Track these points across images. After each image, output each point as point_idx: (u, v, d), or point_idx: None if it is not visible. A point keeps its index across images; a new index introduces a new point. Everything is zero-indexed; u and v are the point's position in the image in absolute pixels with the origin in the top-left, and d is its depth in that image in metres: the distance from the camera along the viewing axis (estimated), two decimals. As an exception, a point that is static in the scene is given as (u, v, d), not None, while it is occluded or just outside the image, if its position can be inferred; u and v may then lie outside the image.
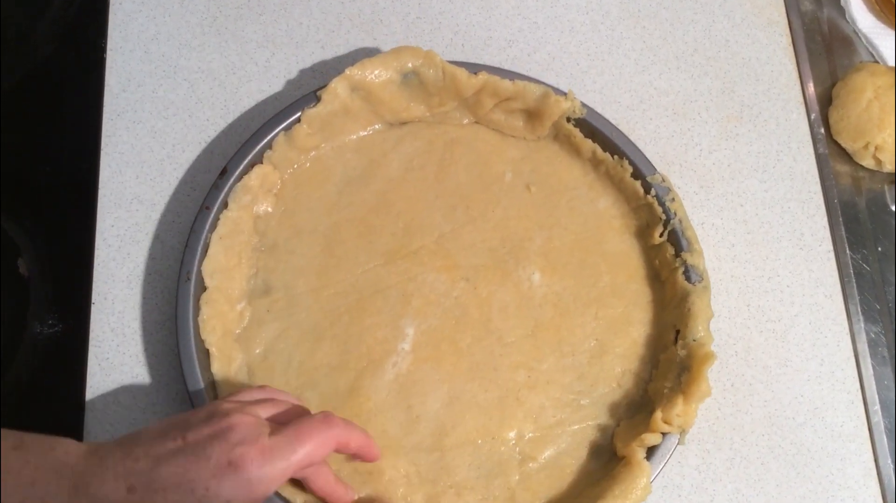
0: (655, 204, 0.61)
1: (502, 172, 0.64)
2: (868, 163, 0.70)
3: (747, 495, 0.60)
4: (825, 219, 0.68)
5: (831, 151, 0.71)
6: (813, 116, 0.71)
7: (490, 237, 0.62)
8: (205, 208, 0.57)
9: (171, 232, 0.62)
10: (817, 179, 0.69)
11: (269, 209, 0.60)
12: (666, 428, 0.55)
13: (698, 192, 0.67)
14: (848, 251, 0.67)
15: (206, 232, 0.57)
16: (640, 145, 0.67)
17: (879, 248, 0.68)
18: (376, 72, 0.60)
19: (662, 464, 0.55)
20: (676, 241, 0.61)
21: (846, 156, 0.71)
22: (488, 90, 0.62)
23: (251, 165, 0.59)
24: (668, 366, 0.59)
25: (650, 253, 0.63)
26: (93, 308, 0.59)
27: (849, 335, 0.65)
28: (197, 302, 0.56)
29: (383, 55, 0.60)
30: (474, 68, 0.61)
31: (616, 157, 0.62)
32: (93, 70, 0.65)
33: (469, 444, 0.57)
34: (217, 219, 0.57)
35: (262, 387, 0.52)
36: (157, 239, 0.62)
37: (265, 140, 0.59)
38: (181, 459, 0.44)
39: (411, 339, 0.59)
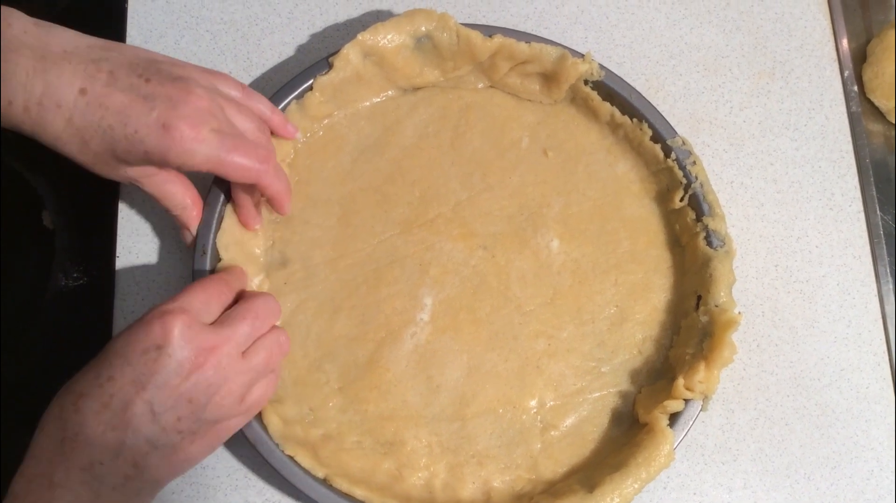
0: (676, 167, 0.60)
1: (519, 138, 0.63)
2: (902, 122, 0.69)
3: (771, 455, 0.60)
4: (856, 178, 0.67)
5: (864, 110, 0.69)
6: (846, 74, 0.69)
7: (507, 204, 0.61)
8: (216, 182, 0.56)
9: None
10: (849, 138, 0.68)
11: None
12: (688, 394, 0.55)
13: (728, 149, 0.66)
14: (878, 212, 0.66)
15: (220, 205, 0.56)
16: (670, 102, 0.66)
17: (911, 209, 0.67)
18: (389, 36, 0.58)
19: (685, 431, 0.55)
20: (697, 205, 0.59)
21: (879, 114, 0.70)
22: (504, 53, 0.60)
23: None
24: (689, 332, 0.58)
25: (670, 218, 0.62)
26: (117, 261, 0.59)
27: (877, 297, 0.64)
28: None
29: (396, 19, 0.59)
30: (489, 30, 0.60)
31: (635, 119, 0.61)
32: (114, 21, 0.64)
33: (490, 413, 0.57)
34: (230, 191, 0.56)
35: (242, 86, 0.54)
36: (181, 192, 0.61)
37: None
38: (132, 96, 0.47)
39: (430, 309, 0.58)
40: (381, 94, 0.62)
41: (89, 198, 0.61)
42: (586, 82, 0.61)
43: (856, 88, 0.69)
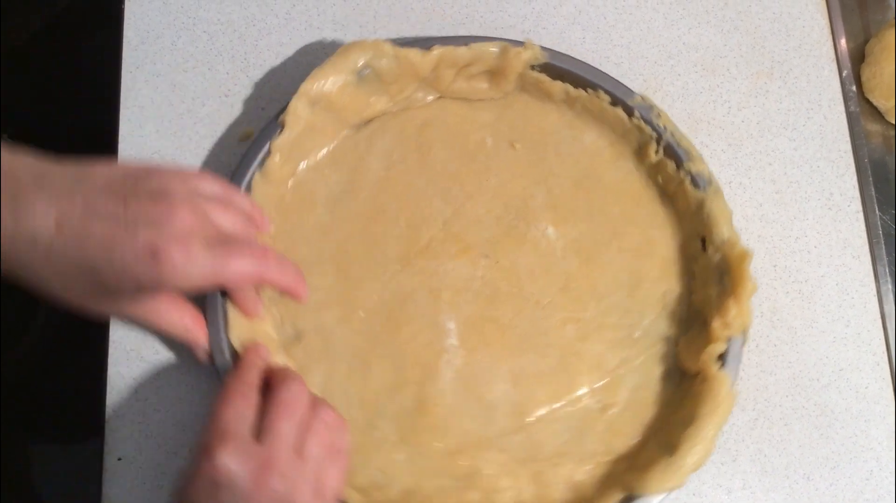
0: (643, 123, 0.60)
1: (482, 139, 0.62)
2: (901, 122, 0.69)
3: (770, 455, 0.60)
4: (855, 178, 0.67)
5: (863, 110, 0.69)
6: (845, 73, 0.69)
7: (493, 207, 0.61)
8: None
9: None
10: (848, 138, 0.68)
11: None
12: (727, 333, 0.55)
13: (726, 150, 0.66)
14: (877, 211, 0.66)
15: (219, 304, 0.54)
16: (668, 102, 0.66)
17: (909, 209, 0.67)
18: (331, 79, 0.57)
19: (737, 369, 0.56)
20: (674, 153, 0.60)
21: (878, 114, 0.70)
22: (445, 62, 0.59)
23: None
24: (705, 273, 0.59)
25: (651, 172, 0.62)
26: (114, 263, 0.59)
27: (876, 297, 0.64)
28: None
29: (332, 59, 0.57)
30: (425, 43, 0.59)
31: (590, 90, 0.61)
32: (111, 22, 0.64)
33: (548, 413, 0.57)
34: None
35: (221, 182, 0.51)
36: (178, 194, 0.61)
37: (243, 185, 0.56)
38: (113, 225, 0.43)
39: (455, 333, 0.58)
40: (337, 137, 0.61)
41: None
42: (533, 67, 0.61)
43: (854, 88, 0.69)
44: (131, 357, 0.57)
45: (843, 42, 0.70)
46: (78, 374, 0.58)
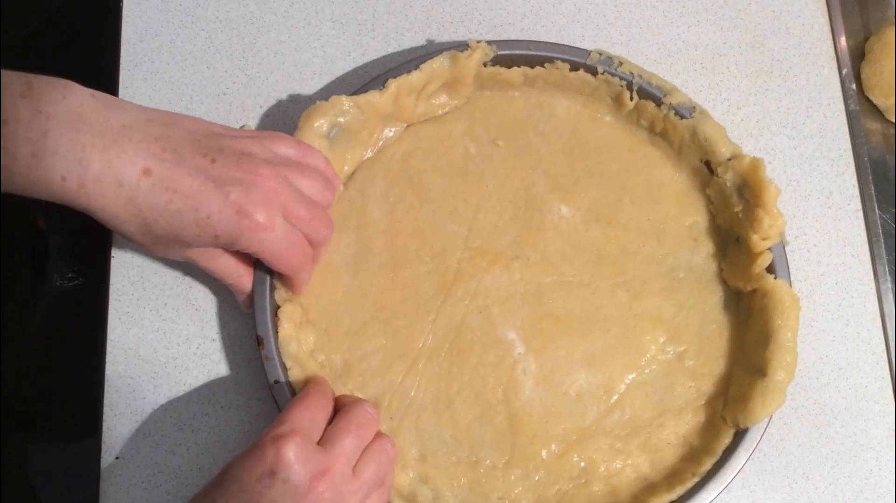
0: (609, 77, 0.61)
1: (465, 149, 0.62)
2: (901, 120, 0.69)
3: (769, 455, 0.60)
4: (854, 177, 0.67)
5: (863, 108, 0.69)
6: (844, 72, 0.69)
7: (503, 209, 0.61)
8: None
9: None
10: (847, 136, 0.68)
11: (312, 340, 0.56)
12: (767, 242, 0.57)
13: (725, 148, 0.66)
14: (877, 210, 0.66)
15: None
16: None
17: (909, 208, 0.67)
18: None
19: (789, 272, 0.58)
20: (649, 94, 0.61)
21: (878, 113, 0.70)
22: (403, 92, 0.59)
23: (274, 311, 0.55)
24: (721, 194, 0.60)
25: (632, 119, 0.63)
26: (112, 261, 0.59)
27: (875, 295, 0.64)
28: None
29: (299, 130, 0.56)
30: (376, 82, 0.58)
31: (546, 64, 0.61)
32: (110, 19, 0.64)
33: (632, 383, 0.58)
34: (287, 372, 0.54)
35: (295, 141, 0.53)
36: (176, 192, 0.61)
37: (267, 305, 0.55)
38: (201, 179, 0.46)
39: (519, 341, 0.58)
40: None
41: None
42: (486, 64, 0.61)
43: (854, 86, 0.69)
44: (129, 356, 0.57)
45: (842, 40, 0.70)
46: (75, 374, 0.58)
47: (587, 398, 0.57)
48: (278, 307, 0.55)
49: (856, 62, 0.70)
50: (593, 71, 0.61)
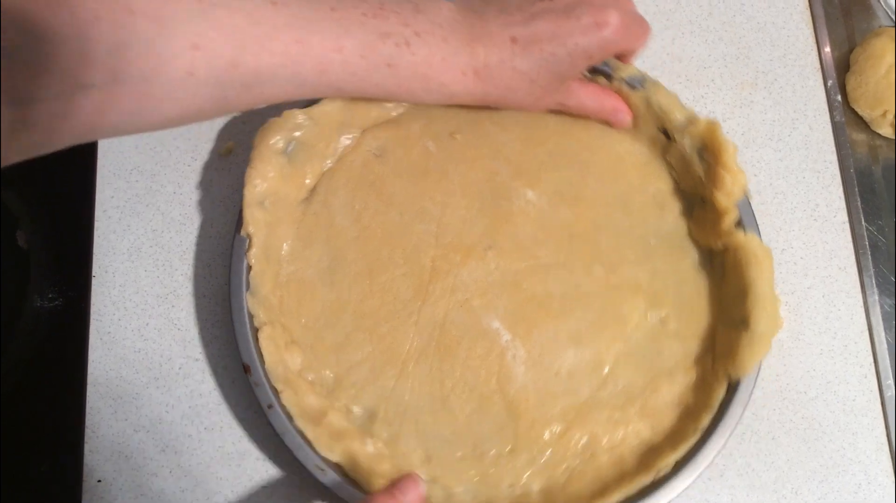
0: None
1: (423, 148, 0.61)
2: (886, 131, 0.68)
3: (758, 470, 0.59)
4: (840, 189, 0.67)
5: (848, 119, 0.69)
6: (829, 83, 0.69)
7: (469, 202, 0.60)
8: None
9: (172, 203, 0.61)
10: (833, 148, 0.67)
11: (299, 360, 0.56)
12: (731, 199, 0.57)
13: (711, 161, 0.66)
14: (863, 222, 0.66)
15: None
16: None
17: (896, 220, 0.67)
18: (264, 171, 0.56)
19: (758, 225, 0.59)
20: (599, 70, 0.61)
21: (863, 124, 0.70)
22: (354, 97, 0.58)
23: (255, 329, 0.55)
24: (682, 158, 0.60)
25: None
26: (93, 281, 0.58)
27: (863, 308, 0.64)
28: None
29: (256, 150, 0.56)
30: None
31: None
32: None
33: (620, 353, 0.58)
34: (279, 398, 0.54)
35: None
36: (158, 210, 0.61)
37: (241, 309, 0.55)
38: (552, 16, 0.53)
39: (504, 329, 0.58)
40: (296, 218, 0.59)
41: (65, 217, 0.60)
42: None
43: (839, 98, 0.69)
44: (110, 377, 0.56)
45: (827, 51, 0.70)
46: (56, 394, 0.57)
47: (579, 375, 0.57)
48: (258, 330, 0.54)
49: (841, 73, 0.70)
50: None
